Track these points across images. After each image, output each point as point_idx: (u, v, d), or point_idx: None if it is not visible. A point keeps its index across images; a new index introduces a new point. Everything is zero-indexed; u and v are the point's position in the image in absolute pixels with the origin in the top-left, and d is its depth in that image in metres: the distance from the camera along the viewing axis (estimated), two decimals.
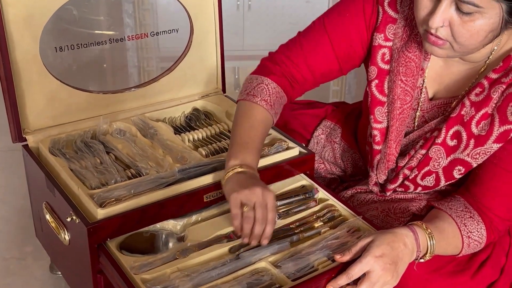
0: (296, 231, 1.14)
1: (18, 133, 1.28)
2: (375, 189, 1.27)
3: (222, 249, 1.09)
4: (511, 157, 1.08)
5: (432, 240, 1.06)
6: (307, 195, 1.24)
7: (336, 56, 1.22)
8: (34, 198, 1.36)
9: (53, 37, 1.28)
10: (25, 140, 1.29)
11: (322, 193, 1.25)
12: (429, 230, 1.07)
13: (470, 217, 1.12)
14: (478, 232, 1.12)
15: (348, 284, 1.01)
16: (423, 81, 1.19)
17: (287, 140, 1.31)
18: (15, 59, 1.23)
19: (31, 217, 1.48)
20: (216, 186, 1.17)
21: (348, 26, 1.20)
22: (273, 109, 1.20)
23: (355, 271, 1.00)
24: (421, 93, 1.20)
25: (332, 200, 1.23)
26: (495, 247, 1.18)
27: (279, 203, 1.20)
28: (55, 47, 1.28)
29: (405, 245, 1.03)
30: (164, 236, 1.15)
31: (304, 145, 1.32)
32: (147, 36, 1.41)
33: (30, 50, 1.25)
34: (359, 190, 1.30)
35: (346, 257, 1.02)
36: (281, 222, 1.17)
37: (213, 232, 1.13)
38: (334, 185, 1.40)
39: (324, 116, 1.47)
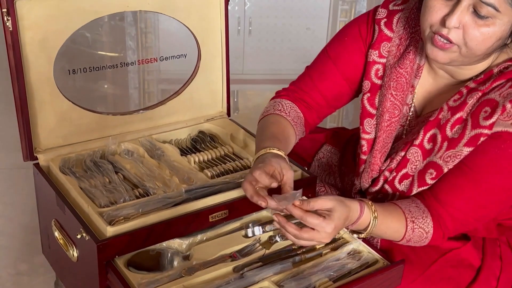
0: (298, 252, 1.17)
1: (29, 151, 1.31)
2: (357, 197, 1.31)
3: (226, 268, 1.12)
4: (476, 156, 1.10)
5: (374, 221, 1.10)
6: None
7: (344, 78, 1.29)
8: (42, 216, 1.38)
9: (67, 60, 1.32)
10: (36, 158, 1.33)
11: None
12: (374, 213, 1.10)
13: (416, 206, 1.15)
14: (423, 219, 1.14)
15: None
16: (413, 98, 1.24)
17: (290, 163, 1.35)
18: (30, 80, 1.28)
19: (37, 234, 1.51)
20: (221, 206, 1.20)
21: (348, 49, 1.28)
22: (289, 116, 1.27)
23: (310, 221, 1.01)
24: (409, 110, 1.25)
25: None
26: (481, 270, 1.20)
27: None
28: (68, 70, 1.32)
29: (349, 220, 1.07)
30: (170, 255, 1.18)
31: (306, 168, 1.36)
32: (156, 61, 1.45)
33: (44, 71, 1.29)
34: None
35: (304, 207, 1.02)
36: (283, 243, 1.20)
37: (218, 252, 1.16)
38: None
39: (325, 141, 1.52)
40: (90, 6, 1.30)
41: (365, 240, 1.20)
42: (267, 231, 1.22)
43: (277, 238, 1.20)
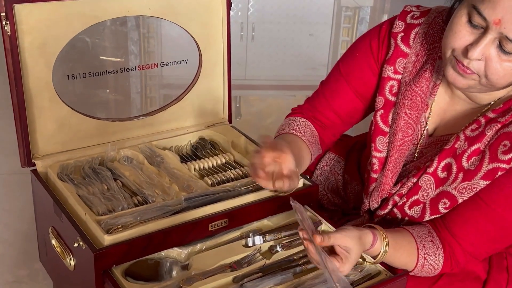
0: (299, 263, 1.15)
1: (27, 158, 1.30)
2: (366, 216, 1.29)
3: (226, 278, 1.10)
4: (491, 190, 1.08)
5: (384, 255, 1.10)
6: None
7: (356, 95, 1.28)
8: (40, 223, 1.37)
9: (66, 65, 1.30)
10: (34, 165, 1.31)
11: (325, 225, 1.26)
12: (385, 242, 1.09)
13: (431, 241, 1.14)
14: (436, 257, 1.13)
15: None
16: (427, 117, 1.22)
17: None
18: (28, 85, 1.26)
19: (34, 241, 1.49)
20: (221, 215, 1.18)
21: (359, 65, 1.26)
22: (304, 136, 1.27)
23: (329, 266, 1.00)
24: (422, 128, 1.23)
25: None
26: (487, 283, 1.19)
27: (282, 234, 1.22)
28: (68, 75, 1.31)
29: (363, 245, 1.06)
30: (168, 264, 1.16)
31: (308, 176, 1.34)
32: (157, 66, 1.44)
33: (43, 77, 1.27)
34: None
35: (325, 243, 1.01)
36: (284, 253, 1.18)
37: (217, 261, 1.14)
38: (336, 217, 1.42)
39: (328, 149, 1.50)
40: (90, 10, 1.29)
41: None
42: (268, 241, 1.20)
43: (278, 248, 1.18)
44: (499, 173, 1.06)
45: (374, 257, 1.12)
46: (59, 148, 1.34)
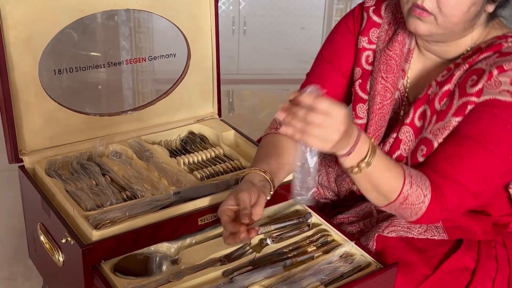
0: (289, 256, 1.15)
1: (14, 154, 1.29)
2: (349, 180, 1.31)
3: (215, 272, 1.10)
4: (471, 125, 1.07)
5: (373, 155, 1.03)
6: (300, 220, 1.25)
7: (342, 76, 1.29)
8: (28, 219, 1.36)
9: (52, 60, 1.29)
10: (22, 161, 1.30)
11: (315, 218, 1.26)
12: (374, 147, 1.03)
13: (421, 176, 1.10)
14: (423, 182, 1.08)
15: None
16: (405, 84, 1.23)
17: None
18: (14, 80, 1.25)
19: (24, 238, 1.48)
20: (211, 209, 1.18)
21: (340, 45, 1.29)
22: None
23: (322, 104, 0.93)
24: (402, 96, 1.24)
25: (325, 225, 1.24)
26: (476, 272, 1.19)
27: (272, 227, 1.22)
28: (54, 70, 1.30)
29: (350, 134, 0.99)
30: (158, 259, 1.15)
31: None
32: (145, 60, 1.43)
33: (29, 72, 1.26)
34: (343, 221, 1.31)
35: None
36: (274, 246, 1.17)
37: (207, 255, 1.13)
38: (326, 210, 1.42)
39: None
40: (76, 4, 1.28)
41: (358, 242, 1.17)
42: (258, 234, 1.19)
43: (268, 241, 1.18)
44: (469, 107, 1.07)
45: (362, 160, 1.03)
46: (47, 144, 1.33)
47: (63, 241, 1.09)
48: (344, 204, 1.42)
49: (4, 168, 2.05)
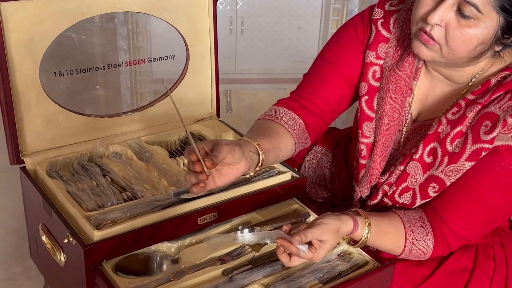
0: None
1: (16, 155, 1.30)
2: (358, 205, 1.30)
3: (215, 271, 1.11)
4: (477, 173, 1.10)
5: (366, 240, 1.12)
6: (299, 219, 1.26)
7: (344, 81, 1.27)
8: (30, 220, 1.37)
9: (53, 62, 1.30)
10: (23, 162, 1.31)
11: (313, 217, 1.28)
12: (367, 230, 1.12)
13: (421, 226, 1.16)
14: (425, 242, 1.15)
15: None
16: (410, 102, 1.23)
17: (279, 164, 1.34)
18: (15, 83, 1.26)
19: (25, 238, 1.50)
20: (210, 209, 1.19)
21: (347, 50, 1.26)
22: (281, 120, 1.26)
23: (304, 257, 1.03)
24: (406, 114, 1.24)
25: None
26: (474, 272, 1.20)
27: (271, 226, 1.23)
28: (55, 72, 1.31)
29: (340, 235, 1.08)
30: (158, 258, 1.17)
31: (296, 169, 1.35)
32: (144, 62, 1.44)
33: (30, 74, 1.27)
34: None
35: (303, 240, 1.02)
36: (273, 245, 1.19)
37: (207, 255, 1.15)
38: (324, 209, 1.43)
39: (317, 140, 1.51)
40: (76, 7, 1.29)
41: (354, 241, 1.19)
42: None
43: (267, 241, 1.19)
44: (483, 153, 1.08)
45: (356, 242, 1.14)
46: (48, 145, 1.34)
47: (65, 241, 1.10)
48: (341, 204, 1.44)
49: (3, 169, 2.06)
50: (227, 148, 1.01)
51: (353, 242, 1.15)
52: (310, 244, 1.03)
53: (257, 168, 1.13)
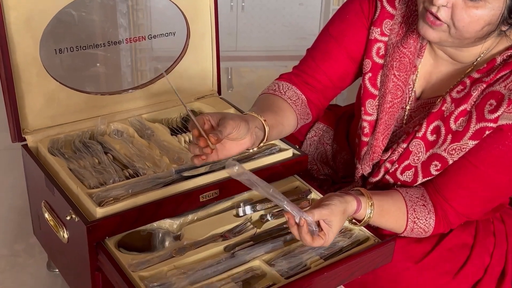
0: (289, 231, 1.17)
1: (17, 133, 1.30)
2: (360, 182, 1.31)
3: (217, 247, 1.12)
4: (480, 152, 1.10)
5: (369, 219, 1.13)
6: (300, 196, 1.27)
7: (348, 57, 1.26)
8: (32, 197, 1.38)
9: (53, 39, 1.29)
10: (25, 140, 1.31)
11: (314, 194, 1.28)
12: (371, 209, 1.12)
13: (423, 205, 1.16)
14: (426, 221, 1.16)
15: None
16: (414, 79, 1.23)
17: (281, 142, 1.34)
18: (16, 61, 1.26)
19: (28, 215, 1.51)
20: (212, 186, 1.20)
21: (352, 26, 1.25)
22: (284, 95, 1.25)
23: (316, 244, 1.03)
24: (410, 91, 1.23)
25: None
26: (474, 247, 1.21)
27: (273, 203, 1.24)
28: (55, 49, 1.30)
29: (346, 216, 1.09)
30: (160, 235, 1.18)
31: (297, 146, 1.36)
32: (145, 39, 1.43)
33: (30, 52, 1.27)
34: None
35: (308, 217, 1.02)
36: (275, 222, 1.20)
37: (209, 231, 1.16)
38: (325, 186, 1.44)
39: (319, 116, 1.51)
40: None
41: (355, 218, 1.20)
42: (258, 210, 1.22)
43: (268, 217, 1.20)
44: (487, 132, 1.08)
45: (359, 221, 1.14)
46: (49, 123, 1.34)
47: (68, 218, 1.11)
48: (342, 181, 1.44)
49: (5, 147, 2.07)
50: (232, 124, 1.01)
51: (356, 221, 1.16)
52: (319, 228, 1.03)
53: (261, 144, 1.12)
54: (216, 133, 0.98)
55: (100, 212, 1.09)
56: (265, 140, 1.12)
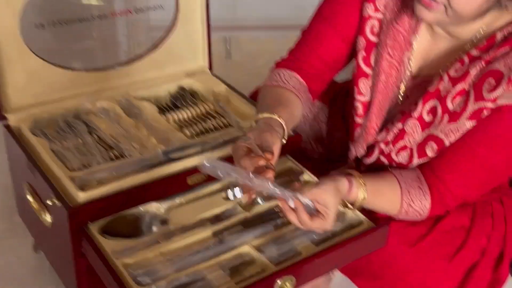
0: (280, 215, 1.14)
1: None
2: (353, 164, 1.27)
3: (205, 232, 1.09)
4: (477, 133, 1.07)
5: (363, 201, 1.09)
6: (292, 178, 1.23)
7: (342, 39, 1.22)
8: (15, 178, 1.34)
9: (34, 14, 1.24)
10: (6, 118, 1.27)
11: (307, 175, 1.24)
12: (363, 189, 1.08)
13: (418, 187, 1.13)
14: (421, 203, 1.12)
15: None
16: (410, 57, 1.18)
17: None
18: None
19: (9, 193, 1.47)
20: None
21: (344, 7, 1.21)
22: (288, 84, 1.21)
23: (315, 227, 0.99)
24: (405, 69, 1.19)
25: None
26: (471, 230, 1.19)
27: None
28: (35, 24, 1.25)
29: (340, 195, 1.04)
30: (147, 219, 1.14)
31: None
32: (131, 13, 1.38)
33: (10, 26, 1.22)
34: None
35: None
36: (265, 206, 1.16)
37: (197, 215, 1.12)
38: (319, 165, 1.40)
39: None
40: None
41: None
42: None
43: (259, 200, 1.16)
44: (485, 112, 1.05)
45: (353, 204, 1.10)
46: (32, 101, 1.30)
47: (49, 202, 1.07)
48: (339, 159, 1.40)
49: None
50: (270, 137, 1.01)
51: (351, 204, 1.12)
52: (317, 212, 0.99)
53: (283, 140, 1.09)
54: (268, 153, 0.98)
55: (82, 196, 1.05)
56: (286, 136, 1.10)
